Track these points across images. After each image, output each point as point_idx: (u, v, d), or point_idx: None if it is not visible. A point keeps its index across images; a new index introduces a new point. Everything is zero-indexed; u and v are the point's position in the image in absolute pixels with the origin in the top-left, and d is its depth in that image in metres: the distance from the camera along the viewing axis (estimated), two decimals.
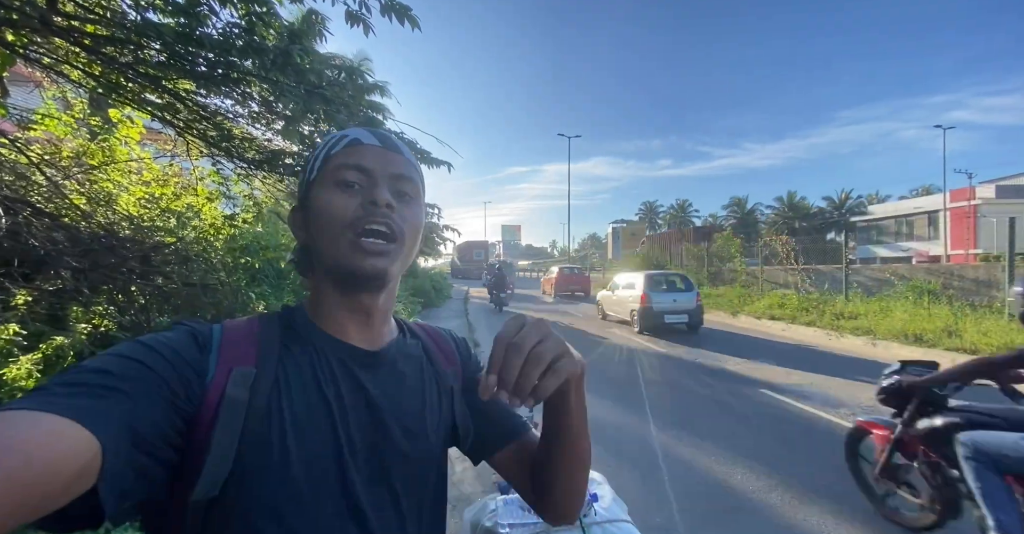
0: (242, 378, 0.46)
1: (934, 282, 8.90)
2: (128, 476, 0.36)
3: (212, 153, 3.25)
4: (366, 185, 0.52)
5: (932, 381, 2.01)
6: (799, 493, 2.82)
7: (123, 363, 0.40)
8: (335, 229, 0.50)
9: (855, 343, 7.61)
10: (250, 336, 0.50)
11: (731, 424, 4.06)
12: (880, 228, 33.23)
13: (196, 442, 0.43)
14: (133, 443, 0.37)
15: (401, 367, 0.57)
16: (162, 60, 2.57)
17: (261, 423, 0.45)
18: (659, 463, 3.30)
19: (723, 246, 15.36)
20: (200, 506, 0.42)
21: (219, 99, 2.82)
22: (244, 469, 0.43)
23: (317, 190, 0.52)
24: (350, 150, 0.53)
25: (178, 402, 0.42)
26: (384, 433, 0.52)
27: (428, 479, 0.56)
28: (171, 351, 0.44)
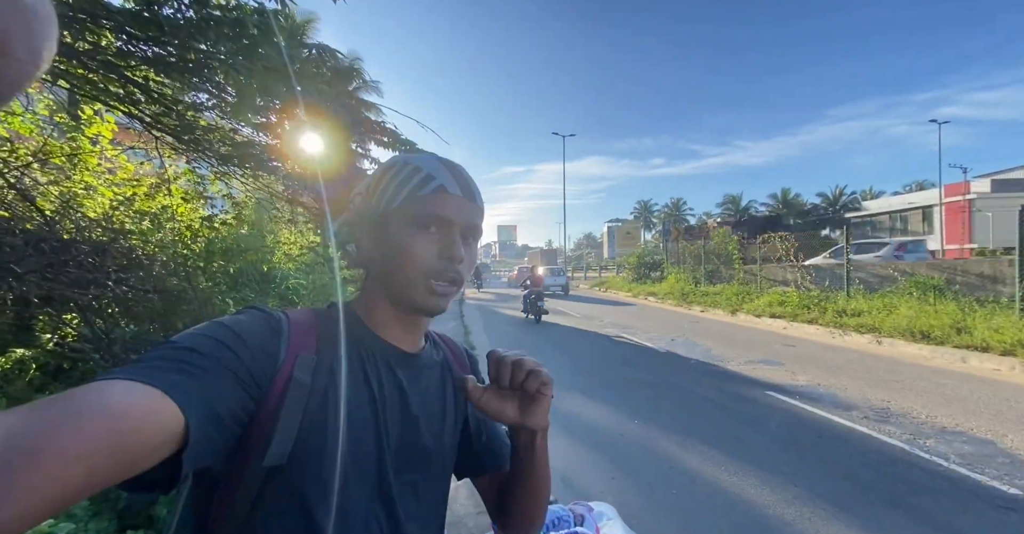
0: (306, 363, 0.51)
1: (938, 278, 8.76)
2: (203, 448, 0.40)
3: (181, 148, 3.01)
4: (446, 235, 0.57)
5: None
6: (820, 507, 2.62)
7: (209, 344, 0.44)
8: (412, 272, 0.56)
9: (860, 341, 7.44)
10: (311, 326, 0.55)
11: (736, 429, 3.86)
12: (874, 224, 33.29)
13: (263, 418, 0.47)
14: (210, 419, 0.40)
15: (430, 371, 0.63)
16: (121, 47, 2.35)
17: (319, 406, 0.50)
18: (664, 473, 3.10)
19: (720, 244, 15.23)
20: (261, 474, 0.46)
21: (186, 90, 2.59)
22: (302, 445, 0.48)
23: (399, 225, 0.56)
24: (436, 197, 0.56)
25: (251, 382, 0.46)
26: (413, 429, 0.57)
27: (441, 477, 0.62)
28: (251, 335, 0.48)
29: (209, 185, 4.01)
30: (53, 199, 3.22)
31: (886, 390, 4.84)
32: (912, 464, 3.14)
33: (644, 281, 19.16)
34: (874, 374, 5.53)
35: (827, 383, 5.14)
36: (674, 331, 9.11)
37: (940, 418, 3.99)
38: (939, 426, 3.82)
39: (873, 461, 3.20)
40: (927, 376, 5.41)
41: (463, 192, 0.59)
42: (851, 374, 5.53)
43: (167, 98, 2.62)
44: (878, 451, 3.37)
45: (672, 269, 17.65)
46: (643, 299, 16.13)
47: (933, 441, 3.50)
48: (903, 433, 3.66)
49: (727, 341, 7.91)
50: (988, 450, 3.33)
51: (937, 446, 3.41)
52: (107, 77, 2.68)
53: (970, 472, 3.00)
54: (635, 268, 20.68)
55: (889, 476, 2.98)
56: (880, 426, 3.82)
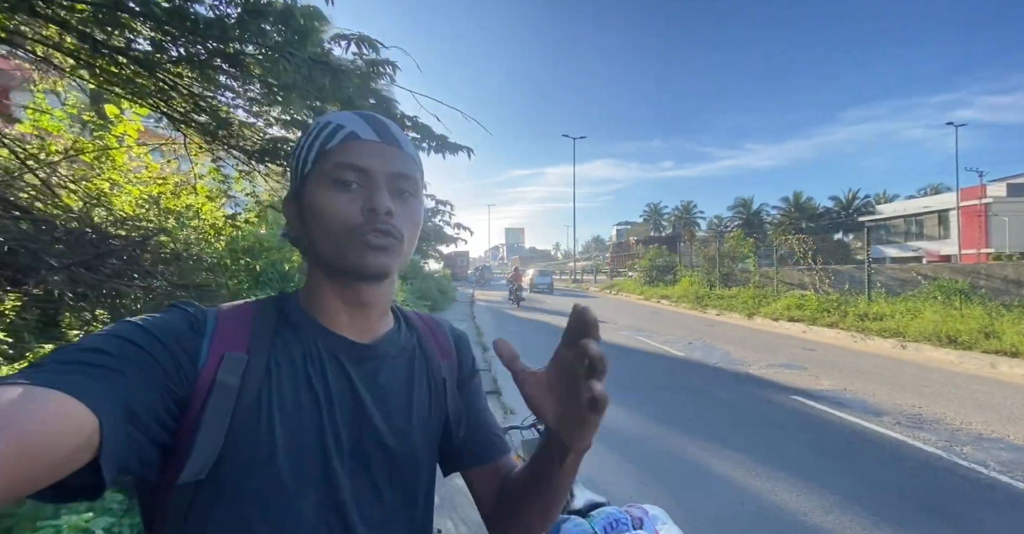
0: (234, 364, 0.46)
1: (962, 281, 8.56)
2: (124, 452, 0.37)
3: (210, 145, 3.02)
4: (365, 186, 0.50)
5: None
6: (859, 517, 2.53)
7: (118, 344, 0.41)
8: (336, 233, 0.49)
9: (883, 345, 7.28)
10: (244, 322, 0.50)
11: (764, 434, 3.77)
12: (889, 228, 32.76)
13: (187, 425, 0.43)
14: (128, 421, 0.37)
15: (392, 361, 0.56)
16: (154, 43, 2.35)
17: (250, 410, 0.45)
18: (692, 477, 3.03)
19: (734, 247, 15.06)
20: (188, 488, 0.43)
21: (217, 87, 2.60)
22: (232, 454, 0.44)
23: (313, 187, 0.50)
24: (347, 146, 0.50)
25: (171, 385, 0.42)
26: (369, 428, 0.52)
27: (414, 475, 0.55)
28: (166, 334, 0.44)
29: (233, 184, 4.03)
30: (81, 196, 3.25)
31: (916, 396, 4.72)
32: (951, 471, 3.04)
33: (656, 284, 19.01)
34: (901, 379, 5.39)
35: (853, 388, 5.02)
36: (690, 335, 9.00)
37: (975, 425, 3.87)
38: (975, 433, 3.70)
39: (909, 468, 3.10)
40: (957, 381, 5.27)
41: (380, 136, 0.52)
42: (877, 379, 5.40)
43: (198, 95, 2.63)
44: (913, 458, 3.26)
45: (685, 272, 17.49)
46: (656, 302, 15.99)
47: (970, 448, 3.39)
48: (938, 440, 3.55)
49: (746, 345, 7.79)
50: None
51: (975, 453, 3.30)
52: (138, 73, 2.69)
53: (1012, 480, 2.90)
54: (647, 271, 20.53)
55: (928, 484, 2.88)
56: (914, 432, 3.71)
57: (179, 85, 2.66)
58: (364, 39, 1.83)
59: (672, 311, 13.55)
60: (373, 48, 1.86)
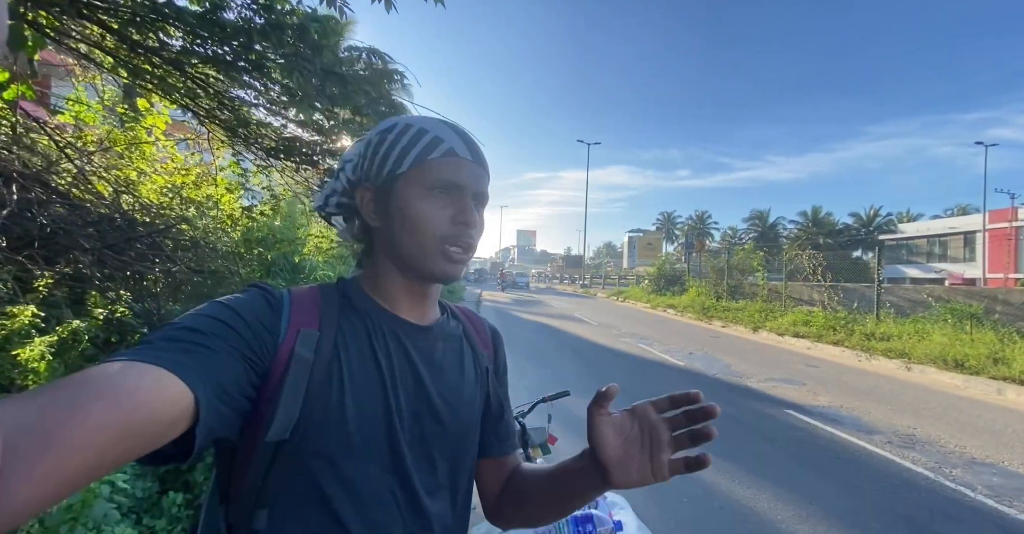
0: (308, 339, 0.50)
1: (976, 306, 8.40)
2: (214, 422, 0.41)
3: (231, 140, 3.21)
4: (456, 200, 0.55)
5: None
6: (832, 528, 2.57)
7: (210, 323, 0.45)
8: (425, 238, 0.54)
9: (888, 366, 7.19)
10: (313, 302, 0.54)
11: (753, 444, 3.81)
12: (911, 247, 31.95)
13: (268, 392, 0.48)
14: (217, 394, 0.41)
15: (444, 344, 0.61)
16: (185, 45, 2.54)
17: (323, 380, 0.50)
18: (676, 482, 3.09)
19: (744, 259, 14.93)
20: (270, 447, 0.48)
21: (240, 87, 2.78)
22: (308, 419, 0.48)
23: (408, 190, 0.54)
24: (448, 162, 0.55)
25: (255, 358, 0.46)
26: (426, 401, 0.56)
27: (462, 449, 0.60)
28: (250, 312, 0.49)
29: (251, 177, 4.23)
30: (111, 183, 3.47)
31: (913, 417, 4.68)
32: (935, 492, 3.05)
33: (664, 293, 18.92)
34: (901, 400, 5.35)
35: (850, 406, 5.00)
36: (692, 345, 8.98)
37: (970, 449, 3.84)
38: (968, 457, 3.68)
39: (893, 486, 3.12)
40: (959, 406, 5.20)
41: (473, 157, 0.57)
42: (876, 398, 5.36)
43: (222, 94, 2.82)
44: (898, 476, 3.27)
45: (693, 282, 17.39)
46: (662, 311, 15.93)
47: (960, 471, 3.38)
48: (928, 460, 3.55)
49: (747, 358, 7.76)
50: (1021, 484, 3.20)
51: (964, 476, 3.29)
52: (169, 72, 2.89)
53: (998, 504, 2.90)
54: (655, 279, 20.44)
55: (910, 502, 2.89)
56: (904, 452, 3.70)
57: (206, 84, 2.85)
58: (374, 52, 1.98)
59: (677, 321, 13.49)
60: (381, 59, 2.00)
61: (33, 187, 2.51)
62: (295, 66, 1.67)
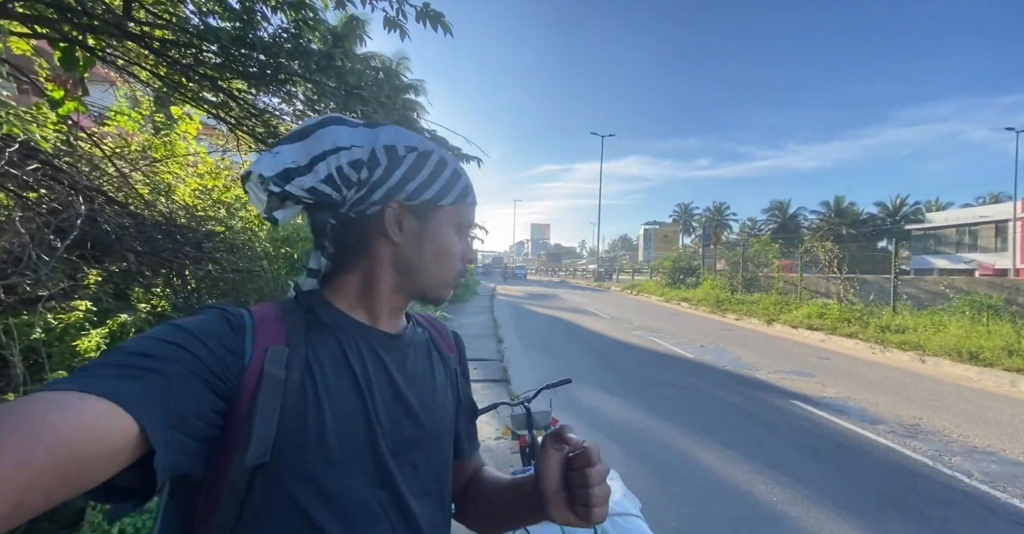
0: (277, 356, 0.49)
1: (996, 297, 8.24)
2: (175, 453, 0.39)
3: (259, 149, 3.46)
4: (465, 240, 0.64)
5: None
6: (826, 509, 2.72)
7: (163, 346, 0.43)
8: (450, 272, 0.61)
9: (901, 358, 7.16)
10: (276, 319, 0.53)
11: (756, 433, 3.94)
12: (939, 237, 30.91)
13: (237, 417, 0.46)
14: (171, 422, 0.39)
15: (415, 350, 0.63)
16: (218, 62, 2.77)
17: (298, 398, 0.48)
18: (679, 466, 3.26)
19: (760, 251, 14.79)
20: (246, 473, 0.45)
21: (267, 98, 3.01)
22: (286, 439, 0.47)
23: (442, 222, 0.60)
24: (472, 207, 0.64)
25: (217, 382, 0.44)
26: (405, 408, 0.57)
27: (442, 454, 0.62)
28: (208, 333, 0.46)
29: None
30: (152, 187, 3.77)
31: (921, 408, 4.73)
32: (931, 478, 3.15)
33: (678, 286, 18.86)
34: (911, 392, 5.38)
35: (857, 397, 5.06)
36: (704, 338, 9.05)
37: (973, 438, 3.91)
38: (969, 445, 3.75)
39: (890, 472, 3.23)
40: (969, 397, 5.21)
41: (475, 203, 0.66)
42: (885, 390, 5.41)
43: (251, 105, 3.05)
44: (897, 463, 3.38)
45: (708, 275, 17.28)
46: (676, 304, 15.92)
47: (959, 459, 3.46)
48: (929, 449, 3.63)
49: (759, 351, 7.81)
50: (1018, 471, 3.27)
51: (962, 463, 3.38)
52: (202, 85, 3.14)
53: (991, 489, 2.99)
54: (670, 272, 20.35)
55: (905, 487, 3.01)
56: (905, 441, 3.79)
57: (235, 96, 3.10)
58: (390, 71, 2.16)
59: (691, 314, 13.50)
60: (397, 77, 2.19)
61: (92, 196, 2.80)
62: (322, 92, 1.87)
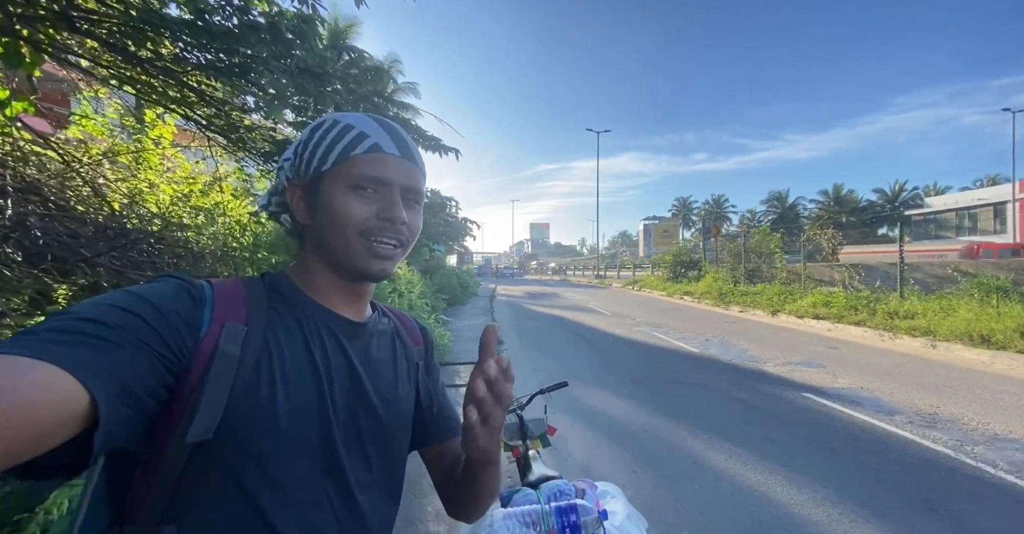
0: (234, 334, 0.47)
1: (1004, 278, 8.05)
2: (115, 426, 0.36)
3: (229, 147, 3.27)
4: (383, 196, 0.54)
5: None
6: (848, 510, 2.52)
7: (117, 313, 0.40)
8: (350, 235, 0.53)
9: (912, 344, 6.97)
10: (238, 295, 0.51)
11: (767, 429, 3.75)
12: (939, 222, 30.77)
13: (186, 391, 0.44)
14: (119, 394, 0.37)
15: (379, 339, 0.61)
16: (176, 53, 2.59)
17: (251, 378, 0.47)
18: (688, 469, 3.07)
19: (761, 241, 14.60)
20: (185, 450, 0.43)
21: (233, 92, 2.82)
22: (234, 418, 0.45)
23: (332, 186, 0.53)
24: (372, 158, 0.54)
25: (168, 354, 0.42)
26: (363, 398, 0.55)
27: (396, 446, 0.60)
28: (166, 304, 0.45)
29: (256, 182, 4.31)
30: (122, 195, 3.58)
31: (936, 396, 4.54)
32: (955, 470, 2.96)
33: (680, 280, 18.67)
34: (924, 379, 5.18)
35: (870, 387, 4.87)
36: (709, 332, 8.86)
37: (993, 425, 3.71)
38: (990, 433, 3.55)
39: (911, 466, 3.03)
40: (984, 382, 5.02)
41: (401, 151, 0.56)
42: (898, 378, 5.21)
43: (218, 101, 2.87)
44: (917, 456, 3.19)
45: (710, 268, 17.09)
46: (679, 298, 15.73)
47: (982, 448, 3.27)
48: (949, 439, 3.44)
49: (765, 343, 7.62)
50: None
51: (986, 453, 3.18)
52: (166, 82, 2.96)
53: (1019, 479, 2.80)
54: (671, 267, 20.16)
55: (928, 481, 2.82)
56: (924, 431, 3.60)
57: (201, 92, 2.91)
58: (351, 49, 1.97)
59: (694, 308, 13.31)
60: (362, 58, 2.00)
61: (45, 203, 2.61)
62: (266, 65, 1.69)
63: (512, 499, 1.34)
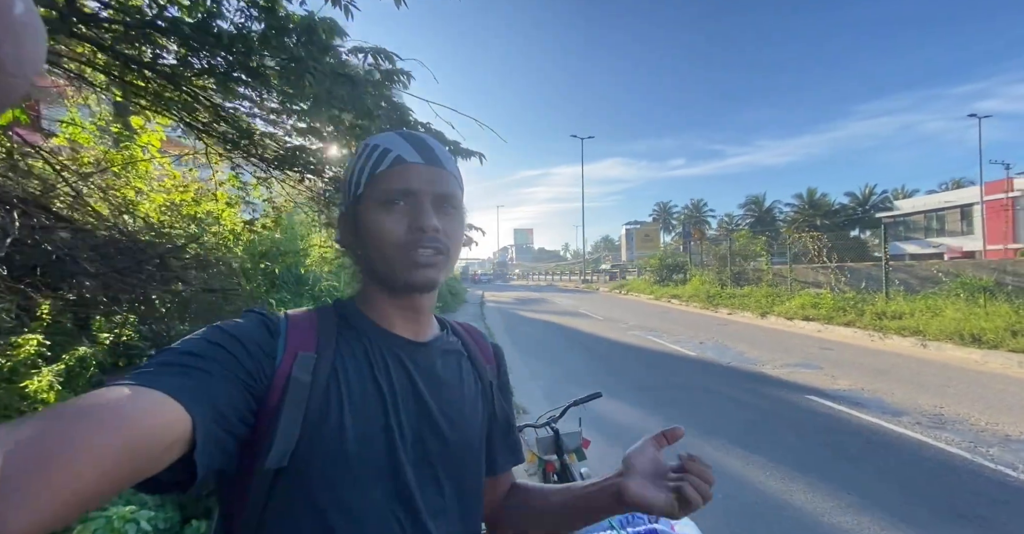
0: (305, 362, 0.50)
1: (986, 278, 8.35)
2: (212, 446, 0.40)
3: (230, 154, 3.13)
4: (411, 206, 0.54)
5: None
6: (876, 517, 2.51)
7: (207, 347, 0.45)
8: (387, 251, 0.53)
9: (902, 344, 7.15)
10: (311, 324, 0.54)
11: (779, 434, 3.75)
12: (908, 224, 31.97)
13: (265, 418, 0.47)
14: (214, 418, 0.40)
15: (444, 360, 0.60)
16: (180, 57, 2.46)
17: (321, 404, 0.49)
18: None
19: (745, 245, 14.89)
20: (268, 475, 0.46)
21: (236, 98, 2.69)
22: (307, 444, 0.47)
23: (365, 208, 0.55)
24: (396, 171, 0.54)
25: (252, 383, 0.46)
26: (429, 420, 0.55)
27: (467, 467, 0.58)
28: (247, 336, 0.48)
29: (251, 190, 4.14)
30: (110, 204, 3.39)
31: (937, 395, 4.63)
32: (976, 474, 2.99)
33: (667, 284, 18.89)
34: (922, 378, 5.30)
35: (871, 388, 4.95)
36: (702, 334, 8.93)
37: (1002, 425, 3.79)
38: (1002, 434, 3.62)
39: (930, 469, 3.06)
40: (982, 381, 5.15)
41: (424, 159, 0.56)
42: (896, 378, 5.32)
43: (220, 107, 2.73)
44: (934, 459, 3.22)
45: (696, 271, 17.34)
46: (667, 302, 15.89)
47: (996, 449, 3.32)
48: (962, 440, 3.49)
49: (759, 344, 7.71)
50: None
51: (1002, 455, 3.23)
52: (164, 86, 2.81)
53: None
54: (657, 270, 20.40)
55: (951, 486, 2.84)
56: (935, 433, 3.65)
57: (201, 97, 2.77)
58: (380, 51, 1.89)
59: (683, 311, 13.45)
60: (389, 60, 1.92)
61: (34, 213, 2.43)
62: (304, 69, 1.59)
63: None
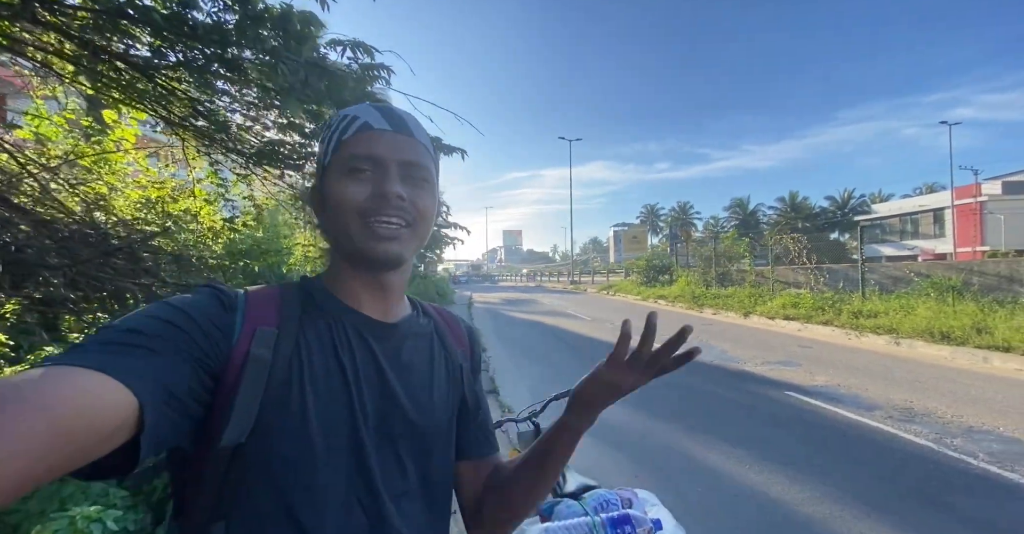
0: (266, 338, 0.48)
1: (955, 278, 8.65)
2: (163, 430, 0.38)
3: (208, 149, 3.07)
4: (377, 173, 0.52)
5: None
6: (850, 506, 2.58)
7: (154, 323, 0.42)
8: (345, 218, 0.51)
9: (877, 342, 7.35)
10: (272, 301, 0.52)
11: (760, 429, 3.82)
12: (884, 227, 32.95)
13: (223, 395, 0.45)
14: (164, 399, 0.38)
15: (413, 341, 0.59)
16: (154, 49, 2.41)
17: (282, 381, 0.47)
18: (689, 472, 3.07)
19: (730, 247, 15.16)
20: (226, 453, 0.45)
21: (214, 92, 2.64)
22: (265, 422, 0.46)
23: (330, 176, 0.53)
24: (361, 136, 0.52)
25: (205, 359, 0.44)
26: (393, 401, 0.53)
27: (434, 451, 0.57)
28: (199, 311, 0.46)
29: (231, 187, 4.07)
30: (81, 199, 3.29)
31: (908, 391, 4.78)
32: (940, 463, 3.09)
33: (654, 284, 19.10)
34: (894, 375, 5.46)
35: (847, 384, 5.08)
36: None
37: (966, 418, 3.93)
38: (965, 425, 3.75)
39: (900, 460, 3.15)
40: (949, 376, 5.33)
41: (392, 125, 0.54)
42: (870, 375, 5.46)
43: (196, 99, 2.68)
44: (903, 450, 3.32)
45: (682, 272, 17.58)
46: (653, 302, 16.05)
47: (960, 440, 3.44)
48: (929, 432, 3.60)
49: (742, 343, 7.85)
50: (1018, 448, 3.27)
51: (965, 445, 3.35)
52: (137, 78, 2.74)
53: (1001, 470, 2.95)
54: (644, 272, 20.62)
55: (918, 474, 2.93)
56: (905, 426, 3.76)
57: (177, 90, 2.71)
58: (359, 44, 1.88)
59: (669, 310, 13.60)
60: (368, 53, 1.91)
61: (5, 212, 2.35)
62: (278, 59, 1.57)
63: (554, 511, 1.26)
